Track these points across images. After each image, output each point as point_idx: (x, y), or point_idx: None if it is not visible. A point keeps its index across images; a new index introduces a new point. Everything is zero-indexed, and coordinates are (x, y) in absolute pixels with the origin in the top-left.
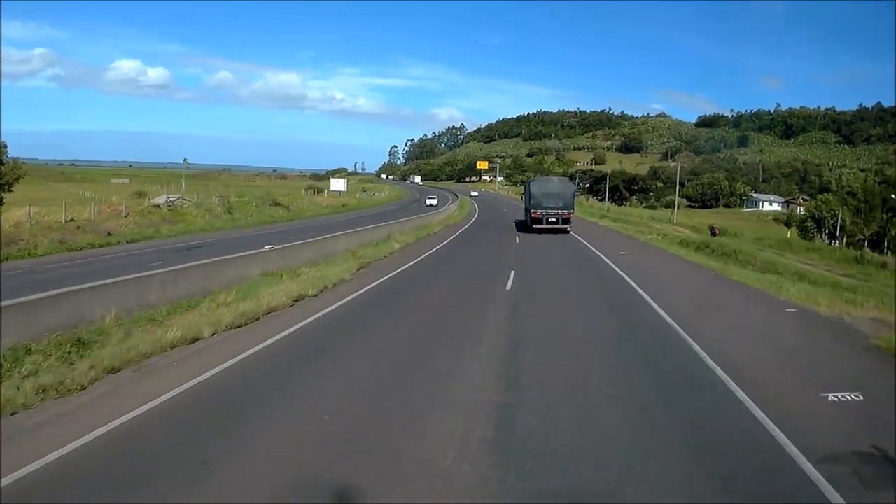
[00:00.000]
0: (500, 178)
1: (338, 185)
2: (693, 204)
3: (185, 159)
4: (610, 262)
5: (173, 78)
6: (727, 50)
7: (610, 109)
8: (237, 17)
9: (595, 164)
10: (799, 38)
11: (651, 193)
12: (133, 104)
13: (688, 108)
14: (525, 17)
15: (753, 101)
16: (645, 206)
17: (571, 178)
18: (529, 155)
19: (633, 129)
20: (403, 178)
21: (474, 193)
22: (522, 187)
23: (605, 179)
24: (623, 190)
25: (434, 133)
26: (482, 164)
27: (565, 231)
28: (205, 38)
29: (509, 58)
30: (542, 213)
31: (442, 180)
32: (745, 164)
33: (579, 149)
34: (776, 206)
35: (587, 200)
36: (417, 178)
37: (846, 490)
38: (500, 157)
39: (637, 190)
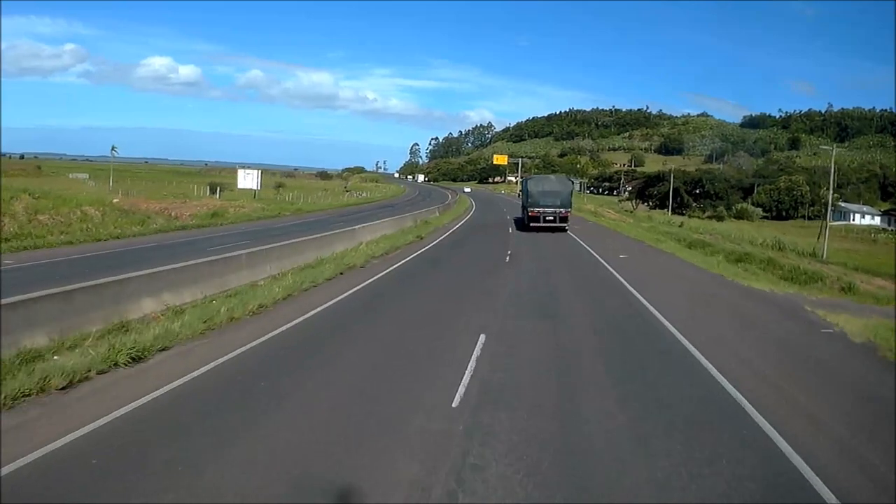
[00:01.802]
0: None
1: (247, 181)
2: (765, 214)
3: (112, 147)
4: None
5: (204, 76)
6: (760, 55)
7: (647, 108)
8: (268, 16)
9: (633, 165)
10: (830, 41)
11: (719, 199)
12: (164, 101)
13: (720, 113)
14: (556, 20)
15: (785, 107)
16: (709, 216)
17: (610, 178)
18: (561, 155)
19: (673, 130)
20: (412, 178)
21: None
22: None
23: (668, 180)
24: (685, 195)
25: (461, 132)
26: (500, 159)
27: (563, 230)
28: (236, 37)
29: (540, 60)
30: (539, 212)
31: (462, 180)
32: (808, 169)
33: (615, 149)
34: (869, 219)
35: (636, 208)
36: (420, 177)
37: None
38: (529, 158)
39: (700, 195)
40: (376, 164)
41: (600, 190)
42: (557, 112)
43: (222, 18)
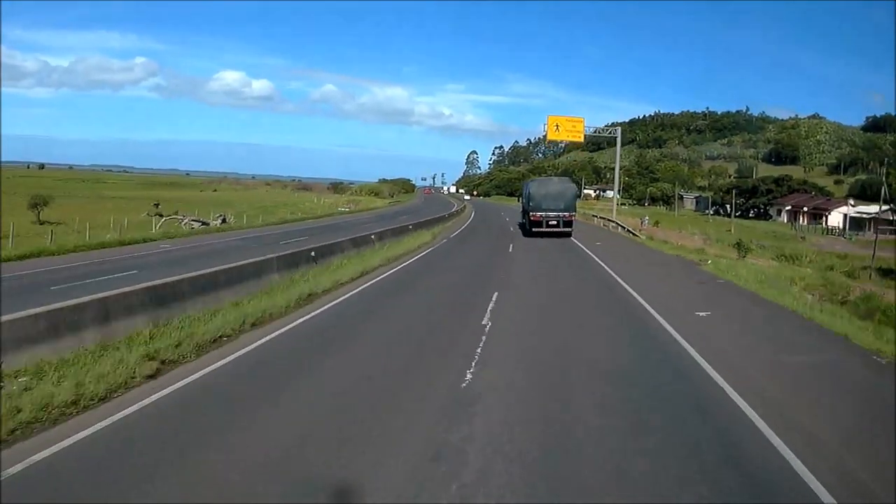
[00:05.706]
0: (613, 193)
1: None
2: None
3: None
4: None
5: (277, 90)
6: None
7: (748, 110)
8: (341, 30)
9: (753, 176)
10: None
11: None
12: (236, 116)
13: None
14: (627, 34)
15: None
16: None
17: (753, 191)
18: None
19: (782, 134)
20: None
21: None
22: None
23: None
24: None
25: (529, 140)
26: (563, 130)
27: (567, 235)
28: (309, 51)
29: (613, 75)
30: (541, 216)
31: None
32: None
33: (713, 158)
34: None
35: None
36: (452, 188)
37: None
38: (609, 169)
39: None
40: (433, 178)
41: (732, 210)
42: (641, 116)
43: (295, 32)
